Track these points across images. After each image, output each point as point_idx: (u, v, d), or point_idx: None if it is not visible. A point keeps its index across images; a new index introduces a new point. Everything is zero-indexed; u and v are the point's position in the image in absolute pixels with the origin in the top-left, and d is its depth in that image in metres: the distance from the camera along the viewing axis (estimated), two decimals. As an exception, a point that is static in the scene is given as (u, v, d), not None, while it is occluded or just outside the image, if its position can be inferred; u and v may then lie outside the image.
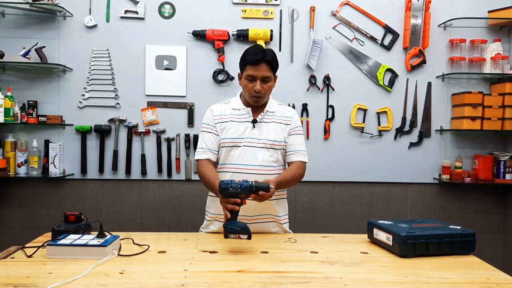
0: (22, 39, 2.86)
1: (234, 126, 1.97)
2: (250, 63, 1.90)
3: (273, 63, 1.93)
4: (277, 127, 2.00)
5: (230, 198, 1.66)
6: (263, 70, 1.90)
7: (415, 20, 2.96)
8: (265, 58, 1.89)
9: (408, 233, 1.62)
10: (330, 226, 3.04)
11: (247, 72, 1.91)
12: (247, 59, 1.92)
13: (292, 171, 1.97)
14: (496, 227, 3.11)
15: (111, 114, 2.95)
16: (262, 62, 1.89)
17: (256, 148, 1.94)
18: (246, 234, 1.63)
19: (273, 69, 1.94)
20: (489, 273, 1.47)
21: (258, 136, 1.96)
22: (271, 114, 2.01)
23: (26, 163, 2.87)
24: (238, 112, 2.00)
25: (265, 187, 1.68)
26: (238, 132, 1.96)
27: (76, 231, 1.72)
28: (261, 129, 1.98)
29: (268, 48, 1.98)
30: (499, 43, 2.94)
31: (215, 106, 2.06)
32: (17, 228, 2.95)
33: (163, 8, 2.95)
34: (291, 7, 2.97)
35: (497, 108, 2.90)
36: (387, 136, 3.05)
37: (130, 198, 3.01)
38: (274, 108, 2.04)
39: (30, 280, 1.32)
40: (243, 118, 1.99)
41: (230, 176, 1.92)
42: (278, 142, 1.98)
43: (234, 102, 2.04)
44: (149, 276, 1.37)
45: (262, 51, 1.91)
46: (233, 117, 1.99)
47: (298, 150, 2.02)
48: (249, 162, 1.93)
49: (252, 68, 1.90)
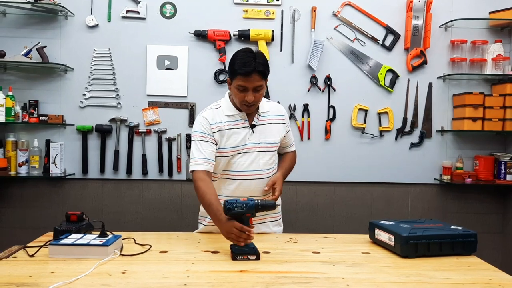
0: (24, 39, 2.86)
1: (234, 134, 1.90)
2: (240, 75, 1.77)
3: (265, 71, 1.80)
4: (274, 128, 1.98)
5: (235, 219, 1.59)
6: (254, 80, 1.77)
7: (416, 21, 2.97)
8: (257, 68, 1.75)
9: (410, 233, 1.62)
10: (330, 226, 3.04)
11: (238, 82, 1.78)
12: (237, 70, 1.77)
13: (291, 162, 2.12)
14: (496, 227, 3.11)
15: (112, 114, 2.95)
16: (253, 73, 1.75)
17: (256, 153, 1.93)
18: (255, 255, 1.57)
19: (264, 76, 1.81)
20: (491, 274, 1.47)
21: (257, 140, 1.93)
22: (265, 114, 1.96)
23: (27, 163, 2.87)
24: (233, 118, 1.91)
25: (271, 204, 1.60)
26: (238, 139, 1.90)
27: (78, 230, 1.72)
28: (259, 133, 1.94)
29: (257, 53, 1.81)
30: (500, 44, 2.94)
31: (207, 113, 1.92)
32: (17, 227, 2.95)
33: (165, 8, 2.95)
34: (292, 8, 2.97)
35: (498, 109, 2.90)
36: (388, 137, 3.05)
37: (131, 198, 3.01)
38: (265, 108, 1.98)
39: (32, 279, 1.32)
40: (240, 124, 1.91)
41: (236, 185, 1.91)
42: (276, 144, 1.99)
43: (225, 107, 1.93)
44: (152, 276, 1.38)
45: (253, 60, 1.76)
46: (230, 124, 1.90)
47: (291, 143, 2.15)
48: (251, 168, 1.91)
49: (243, 79, 1.76)
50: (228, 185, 1.94)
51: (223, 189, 1.96)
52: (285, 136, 2.04)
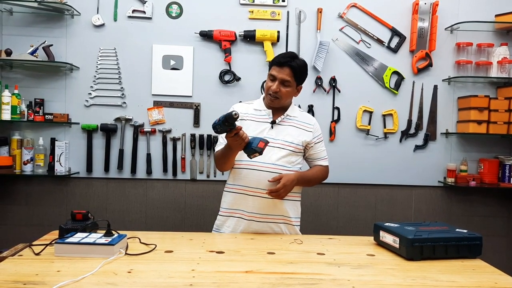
0: (30, 37, 2.87)
1: (253, 125, 2.01)
2: (275, 64, 1.98)
3: (297, 70, 1.97)
4: (295, 130, 2.04)
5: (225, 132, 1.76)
6: (284, 73, 1.95)
7: (422, 23, 2.96)
8: (291, 63, 1.95)
9: (415, 236, 1.62)
10: (334, 227, 3.04)
11: (271, 71, 1.99)
12: (275, 59, 2.00)
13: (315, 171, 2.12)
14: (501, 231, 3.10)
15: (117, 113, 2.96)
16: (286, 66, 1.95)
17: (271, 148, 1.95)
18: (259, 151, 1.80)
19: (295, 76, 1.98)
20: (496, 277, 1.47)
21: (275, 136, 2.00)
22: (291, 118, 2.06)
23: (32, 161, 2.88)
24: (259, 112, 2.05)
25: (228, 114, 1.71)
26: (256, 131, 1.99)
27: (83, 229, 1.73)
28: (279, 130, 2.02)
29: (299, 58, 2.02)
30: (506, 47, 2.94)
31: (238, 105, 2.15)
32: (22, 225, 2.96)
33: (171, 8, 2.96)
34: (298, 9, 2.98)
35: (503, 112, 2.90)
36: (393, 139, 3.05)
37: (135, 197, 3.01)
38: (295, 113, 2.09)
39: (39, 277, 1.33)
40: (263, 119, 2.04)
41: (245, 174, 1.99)
42: (295, 145, 2.01)
43: (257, 103, 2.10)
44: (157, 276, 1.38)
45: (291, 57, 1.97)
46: (253, 117, 2.04)
47: (321, 157, 2.15)
48: (263, 160, 1.94)
49: (275, 68, 1.97)
50: (238, 174, 2.01)
51: (232, 178, 2.05)
52: (312, 146, 2.08)
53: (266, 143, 1.81)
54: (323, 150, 2.15)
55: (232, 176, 2.06)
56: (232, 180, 2.06)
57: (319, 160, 2.14)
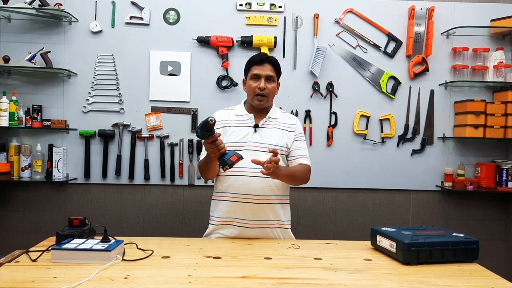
0: (28, 44, 2.88)
1: (236, 131, 2.03)
2: (255, 63, 2.05)
3: (276, 64, 2.07)
4: (279, 132, 2.06)
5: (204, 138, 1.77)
6: (267, 69, 2.03)
7: (418, 28, 2.98)
8: (269, 59, 2.06)
9: (411, 240, 1.62)
10: (332, 232, 3.04)
11: (252, 72, 2.04)
12: (252, 60, 2.08)
13: (298, 168, 2.04)
14: (498, 235, 3.10)
15: (115, 119, 2.97)
16: (266, 62, 2.04)
17: (258, 152, 1.96)
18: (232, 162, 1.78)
19: (276, 71, 2.07)
20: (492, 281, 1.47)
21: (260, 140, 2.01)
22: (274, 120, 2.08)
23: (30, 167, 2.88)
24: (241, 118, 2.08)
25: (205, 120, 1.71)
26: (240, 136, 2.02)
27: (80, 235, 1.73)
28: (262, 133, 2.03)
29: (271, 55, 2.16)
30: (502, 52, 2.95)
31: (219, 112, 2.15)
32: (20, 231, 2.96)
33: (168, 14, 2.97)
34: (295, 14, 2.99)
35: (500, 116, 2.91)
36: (390, 143, 3.06)
37: (133, 203, 3.01)
38: (276, 115, 2.11)
39: (35, 284, 1.33)
40: (245, 124, 2.06)
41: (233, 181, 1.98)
42: (279, 147, 2.01)
43: (238, 108, 2.13)
44: (154, 281, 1.38)
45: (265, 55, 2.11)
46: (236, 123, 2.06)
47: (302, 155, 2.08)
48: (251, 165, 1.91)
49: (257, 67, 2.04)
50: (225, 182, 2.01)
51: (220, 186, 2.05)
52: (292, 144, 2.06)
53: (240, 158, 1.79)
54: (303, 148, 2.09)
55: (219, 184, 2.06)
56: (220, 187, 2.05)
57: (300, 158, 2.06)
